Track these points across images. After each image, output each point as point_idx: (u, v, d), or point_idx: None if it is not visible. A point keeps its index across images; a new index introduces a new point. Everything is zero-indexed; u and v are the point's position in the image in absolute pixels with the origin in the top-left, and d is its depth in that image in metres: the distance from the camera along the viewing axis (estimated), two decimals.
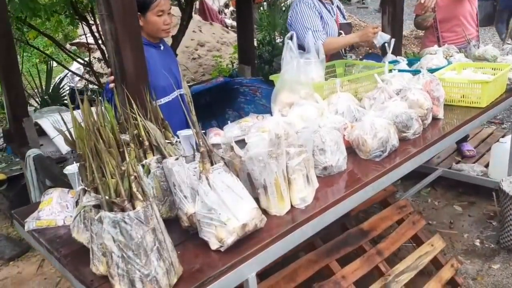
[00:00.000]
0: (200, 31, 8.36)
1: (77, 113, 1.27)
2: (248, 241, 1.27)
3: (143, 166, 1.40)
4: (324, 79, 2.45)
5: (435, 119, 2.11)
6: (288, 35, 2.49)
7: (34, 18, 3.64)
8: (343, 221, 2.34)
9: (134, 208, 1.09)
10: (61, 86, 5.06)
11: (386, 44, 2.97)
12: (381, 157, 1.75)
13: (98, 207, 1.16)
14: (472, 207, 3.24)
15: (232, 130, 2.13)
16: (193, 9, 10.73)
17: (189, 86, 3.79)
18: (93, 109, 1.45)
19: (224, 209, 1.23)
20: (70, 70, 5.14)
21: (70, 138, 1.31)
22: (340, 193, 1.54)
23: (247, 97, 4.34)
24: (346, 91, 2.36)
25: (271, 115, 2.12)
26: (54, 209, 1.54)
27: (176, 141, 1.56)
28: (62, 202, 1.56)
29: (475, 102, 2.29)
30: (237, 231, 1.22)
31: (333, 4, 3.01)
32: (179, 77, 2.41)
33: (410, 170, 1.83)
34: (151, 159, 1.41)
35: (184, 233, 1.35)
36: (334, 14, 3.00)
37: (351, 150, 1.82)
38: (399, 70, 2.40)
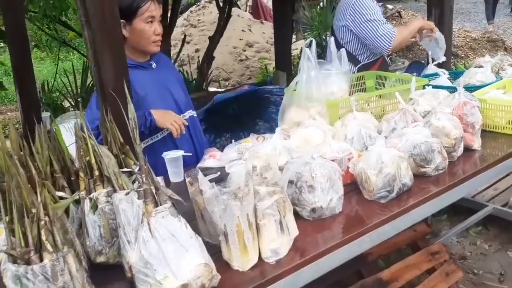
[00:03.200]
0: (250, 30, 8.20)
1: None
2: None
3: (90, 200, 1.24)
4: (347, 93, 2.17)
5: (468, 150, 1.76)
6: (307, 41, 2.24)
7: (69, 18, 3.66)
8: (358, 267, 2.03)
9: (41, 260, 0.94)
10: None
11: (430, 52, 2.62)
12: (387, 198, 1.46)
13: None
14: None
15: (231, 152, 1.95)
16: (246, 7, 10.66)
17: (214, 94, 3.63)
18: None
19: (162, 264, 1.04)
20: None
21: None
22: (326, 244, 1.28)
23: (278, 107, 4.10)
24: (370, 110, 2.08)
25: None
26: None
27: (136, 171, 1.37)
28: None
29: None
30: None
31: None
32: (184, 97, 2.11)
33: (427, 215, 1.53)
34: (100, 192, 1.25)
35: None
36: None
37: (357, 185, 1.55)
38: (433, 86, 2.06)
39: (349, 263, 1.38)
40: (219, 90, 5.22)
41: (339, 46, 2.67)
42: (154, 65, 2.01)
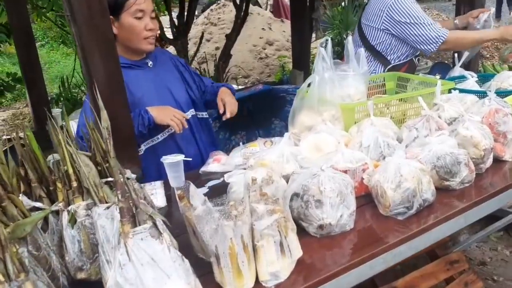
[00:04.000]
0: (270, 28, 8.07)
1: None
2: None
3: (68, 212, 1.12)
4: (365, 96, 2.00)
5: (498, 161, 1.57)
6: (322, 40, 2.08)
7: None
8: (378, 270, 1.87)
9: None
10: None
11: (456, 55, 2.41)
12: (405, 215, 1.29)
13: None
14: None
15: (236, 156, 1.81)
16: (267, 6, 10.51)
17: None
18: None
19: None
20: None
21: None
22: (333, 266, 1.12)
23: None
24: (390, 114, 1.90)
25: None
26: None
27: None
28: None
29: None
30: None
31: None
32: (186, 95, 1.97)
33: (450, 233, 1.35)
34: (79, 205, 1.13)
35: None
36: None
37: (372, 198, 1.39)
38: (460, 91, 1.86)
39: None
40: (236, 87, 5.10)
41: (367, 45, 2.51)
42: (150, 63, 1.88)
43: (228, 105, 1.94)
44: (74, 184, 1.13)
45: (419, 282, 1.88)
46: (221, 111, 1.94)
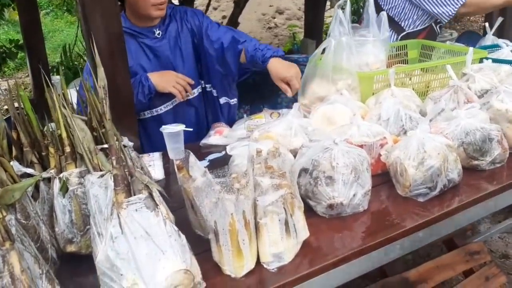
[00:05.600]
0: None
1: None
2: None
3: (59, 180, 1.10)
4: (385, 65, 1.93)
5: None
6: (340, 1, 1.99)
7: None
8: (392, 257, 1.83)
9: None
10: None
11: (487, 24, 2.31)
12: (427, 196, 1.24)
13: None
14: None
15: (240, 128, 1.77)
16: None
17: None
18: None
19: (131, 268, 0.88)
20: None
21: None
22: (343, 250, 1.09)
23: None
24: (412, 86, 1.83)
25: None
26: None
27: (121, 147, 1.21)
28: None
29: None
30: None
31: None
32: (193, 70, 1.89)
33: (476, 219, 1.30)
34: (71, 173, 1.10)
35: None
36: None
37: (389, 177, 1.34)
38: (494, 60, 1.78)
39: None
40: None
41: (379, 11, 2.41)
42: (158, 32, 1.81)
43: (293, 83, 1.73)
44: (67, 149, 1.10)
45: (434, 274, 1.83)
46: (289, 95, 1.77)
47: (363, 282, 1.78)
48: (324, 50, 1.76)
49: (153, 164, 1.54)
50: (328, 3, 6.24)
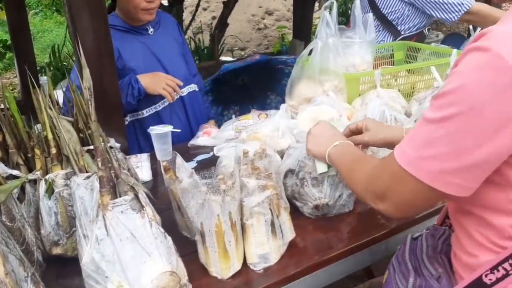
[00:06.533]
0: None
1: None
2: None
3: (45, 182, 1.08)
4: (372, 66, 1.93)
5: None
6: (327, 3, 1.99)
7: None
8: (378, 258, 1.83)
9: None
10: None
11: (471, 26, 2.33)
12: None
13: None
14: None
15: (228, 129, 1.76)
16: None
17: (222, 63, 3.42)
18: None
19: (117, 270, 0.87)
20: None
21: None
22: (329, 251, 1.09)
23: None
24: (398, 87, 1.84)
25: None
26: None
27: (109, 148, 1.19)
28: None
29: None
30: None
31: None
32: (184, 69, 1.92)
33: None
34: (57, 174, 1.08)
35: None
36: None
37: None
38: None
39: None
40: (231, 59, 4.99)
41: (377, 13, 2.41)
42: (151, 30, 1.83)
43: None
44: (53, 151, 1.08)
45: None
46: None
47: (351, 283, 1.79)
48: (311, 51, 1.76)
49: (141, 165, 1.53)
50: (316, 4, 6.25)
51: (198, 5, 5.32)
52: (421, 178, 0.72)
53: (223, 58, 5.11)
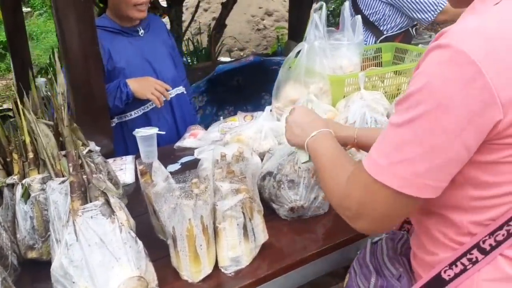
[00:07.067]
0: None
1: None
2: None
3: (22, 186, 1.08)
4: (359, 68, 1.92)
5: None
6: (316, 6, 1.98)
7: None
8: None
9: None
10: None
11: None
12: None
13: None
14: None
15: (214, 131, 1.76)
16: None
17: (218, 64, 3.42)
18: None
19: (84, 276, 0.88)
20: None
21: None
22: (302, 252, 1.09)
23: None
24: (384, 88, 1.83)
25: None
26: None
27: (88, 152, 1.20)
28: None
29: None
30: None
31: None
32: (173, 71, 1.92)
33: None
34: (34, 179, 1.09)
35: None
36: None
37: None
38: None
39: None
40: (229, 60, 4.98)
41: (360, 15, 2.41)
42: (141, 32, 1.84)
43: None
44: (31, 155, 1.09)
45: None
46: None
47: (333, 280, 1.78)
48: (297, 53, 1.76)
49: (125, 167, 1.53)
50: (314, 4, 6.23)
51: (197, 6, 5.31)
52: (394, 186, 0.70)
53: (221, 58, 5.10)
